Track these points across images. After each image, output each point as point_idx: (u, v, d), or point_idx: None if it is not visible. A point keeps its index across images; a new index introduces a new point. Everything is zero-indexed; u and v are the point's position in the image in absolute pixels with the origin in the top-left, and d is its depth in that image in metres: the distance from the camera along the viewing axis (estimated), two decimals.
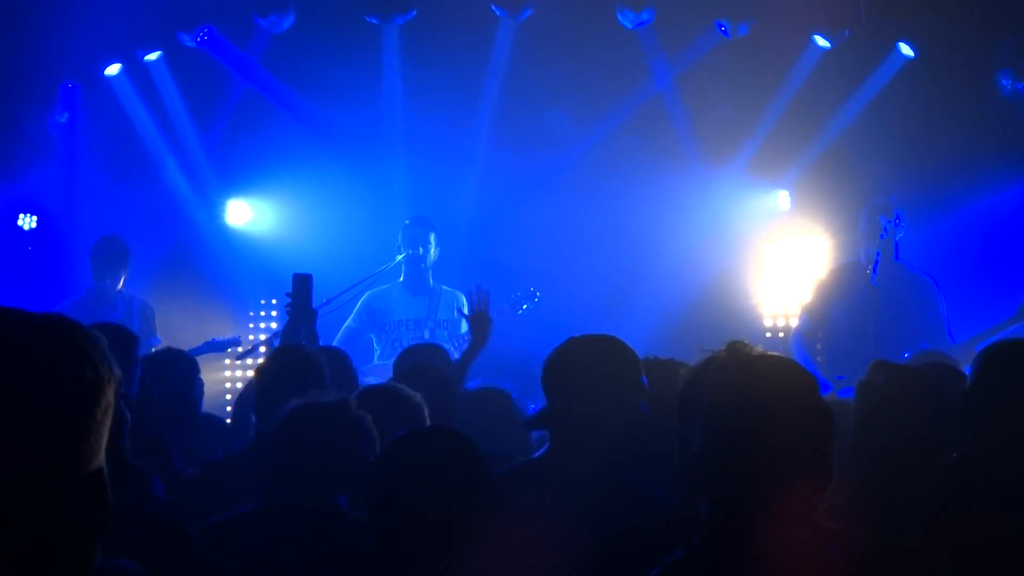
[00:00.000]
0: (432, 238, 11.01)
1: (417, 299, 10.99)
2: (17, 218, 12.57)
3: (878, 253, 9.83)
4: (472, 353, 8.07)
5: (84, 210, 12.66)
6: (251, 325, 13.05)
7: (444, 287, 11.06)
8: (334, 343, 10.38)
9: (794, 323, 11.56)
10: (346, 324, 10.97)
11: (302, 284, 8.12)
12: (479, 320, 8.24)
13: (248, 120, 12.87)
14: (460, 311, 10.46)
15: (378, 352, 10.98)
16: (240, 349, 11.52)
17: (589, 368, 4.73)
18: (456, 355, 10.21)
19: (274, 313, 12.90)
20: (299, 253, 11.82)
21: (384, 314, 11.01)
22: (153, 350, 9.31)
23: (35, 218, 12.63)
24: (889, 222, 9.99)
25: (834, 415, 3.18)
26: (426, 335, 10.72)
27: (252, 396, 6.33)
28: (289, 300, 8.10)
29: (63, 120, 12.71)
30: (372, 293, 11.03)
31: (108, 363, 2.02)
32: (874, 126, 12.19)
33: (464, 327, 10.38)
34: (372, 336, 11.05)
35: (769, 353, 3.33)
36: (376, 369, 10.32)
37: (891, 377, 4.89)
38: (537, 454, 5.00)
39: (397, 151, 12.95)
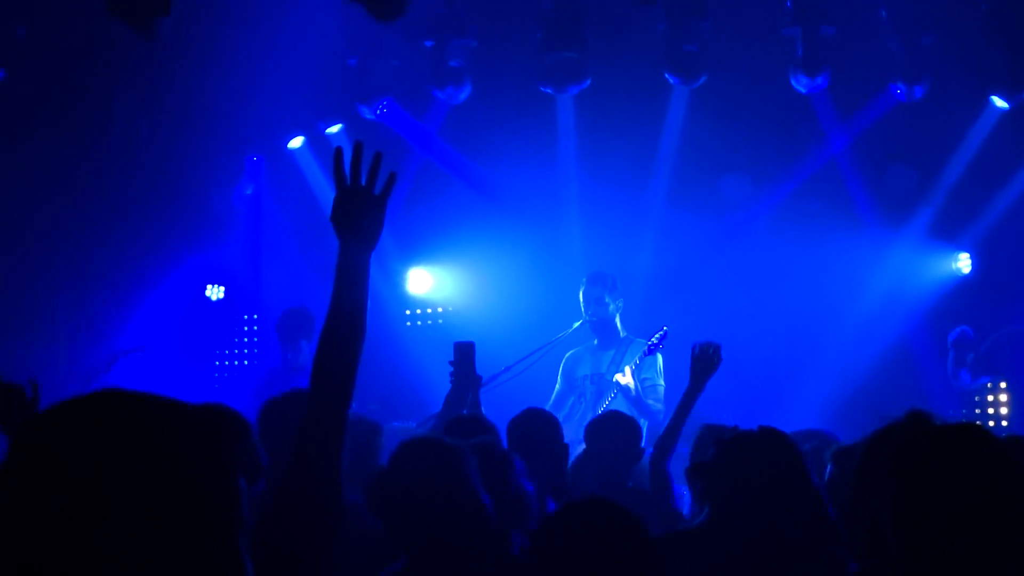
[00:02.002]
0: (607, 295, 11.04)
1: (604, 353, 11.02)
2: (205, 288, 12.91)
3: None
4: (690, 398, 7.38)
5: (269, 280, 12.96)
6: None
7: (637, 339, 11.01)
8: (547, 407, 10.53)
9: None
10: (556, 387, 11.07)
11: (465, 352, 8.11)
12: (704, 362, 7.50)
13: (427, 189, 13.08)
14: (636, 361, 10.49)
15: (565, 411, 11.01)
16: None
17: (753, 479, 4.68)
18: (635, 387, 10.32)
19: None
20: (478, 320, 11.97)
21: (573, 372, 11.09)
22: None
23: (223, 288, 12.97)
24: None
25: None
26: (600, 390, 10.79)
27: None
28: (452, 369, 8.07)
29: (248, 192, 13.06)
30: (569, 354, 11.14)
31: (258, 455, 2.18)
32: None
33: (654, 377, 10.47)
34: (568, 397, 11.12)
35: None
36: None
37: None
38: (697, 521, 5.01)
39: (572, 215, 13.08)
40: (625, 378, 10.44)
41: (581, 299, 11.06)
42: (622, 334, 11.05)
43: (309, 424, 3.76)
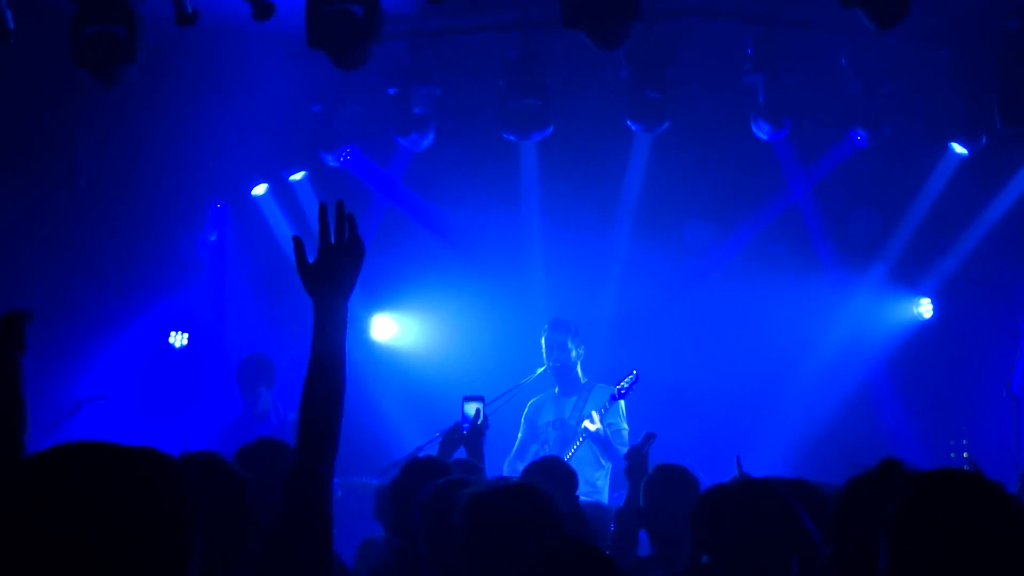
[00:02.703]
0: (570, 341, 11.06)
1: (566, 399, 11.04)
2: (169, 335, 12.87)
3: None
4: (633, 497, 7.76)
5: (233, 327, 12.93)
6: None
7: (599, 384, 11.06)
8: (510, 455, 10.56)
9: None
10: (519, 435, 11.08)
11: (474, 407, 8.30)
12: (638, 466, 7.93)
13: (391, 235, 13.09)
14: (604, 406, 10.52)
15: (528, 459, 11.00)
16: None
17: (741, 526, 4.70)
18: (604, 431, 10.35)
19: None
20: (442, 366, 11.97)
21: (535, 419, 11.10)
22: None
23: (186, 335, 12.93)
24: None
25: None
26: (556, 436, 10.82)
27: None
28: (465, 426, 8.19)
29: (213, 239, 13.04)
30: (532, 401, 11.16)
31: (189, 500, 2.19)
32: (1018, 230, 12.10)
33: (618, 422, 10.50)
34: (532, 446, 11.12)
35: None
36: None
37: None
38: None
39: (536, 261, 13.12)
40: (594, 424, 10.45)
41: (543, 345, 11.08)
42: (583, 380, 11.08)
43: (298, 476, 3.80)
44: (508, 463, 10.76)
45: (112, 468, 2.11)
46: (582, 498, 7.84)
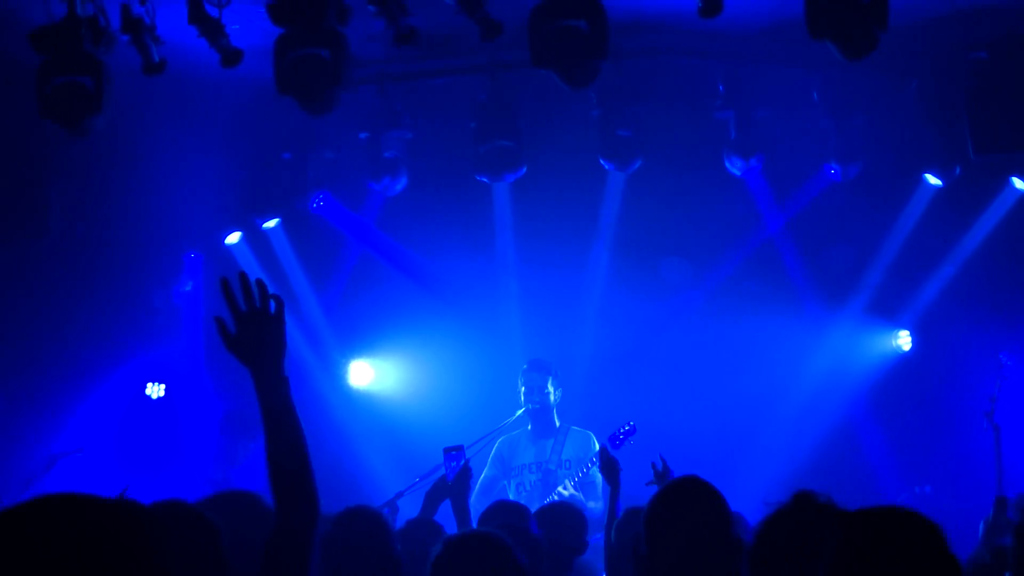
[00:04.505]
0: (550, 382, 11.03)
1: (543, 441, 10.99)
2: (146, 387, 12.80)
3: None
4: (614, 499, 8.22)
5: (210, 376, 12.86)
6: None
7: (573, 427, 11.04)
8: (474, 492, 10.49)
9: None
10: (483, 473, 11.01)
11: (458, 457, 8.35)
12: (609, 466, 8.55)
13: (365, 280, 13.07)
14: (591, 460, 10.48)
15: (511, 497, 10.96)
16: None
17: (680, 524, 4.72)
18: (580, 496, 10.31)
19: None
20: (423, 410, 11.93)
21: (511, 459, 11.04)
22: None
23: (163, 387, 12.87)
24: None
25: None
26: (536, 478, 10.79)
27: None
28: (450, 474, 8.19)
29: (188, 289, 12.99)
30: (503, 439, 11.09)
31: (162, 550, 2.16)
32: (995, 260, 12.11)
33: (593, 469, 10.45)
34: (504, 483, 11.06)
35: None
36: None
37: None
38: None
39: (512, 302, 13.10)
40: (567, 491, 10.43)
41: (521, 387, 11.03)
42: (557, 423, 11.04)
43: (277, 534, 3.86)
44: (474, 498, 10.68)
45: (84, 521, 2.09)
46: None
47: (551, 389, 11.01)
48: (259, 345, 3.93)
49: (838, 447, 12.38)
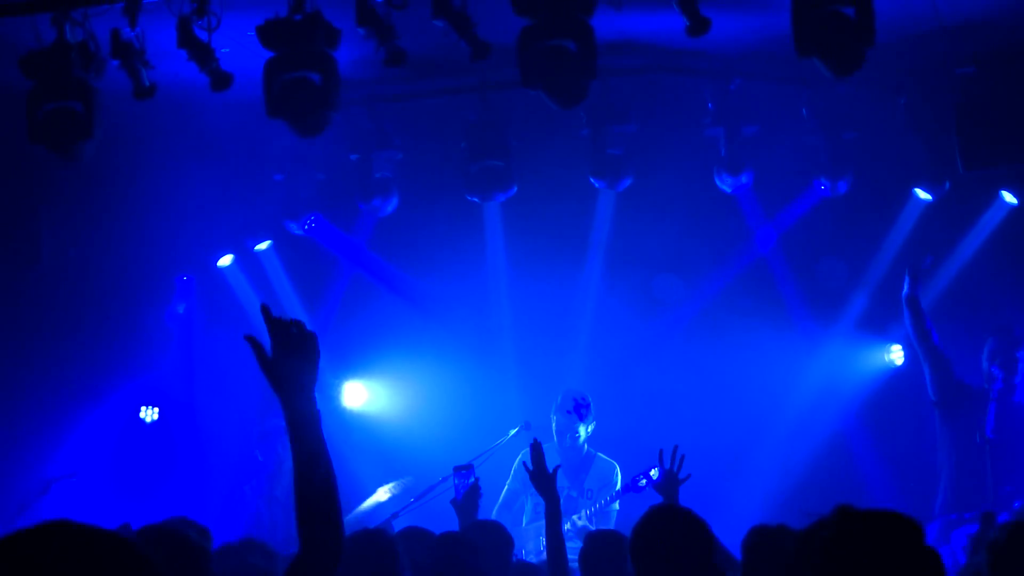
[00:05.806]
0: (582, 428, 10.98)
1: (568, 465, 10.85)
2: (140, 410, 12.78)
3: None
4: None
5: (204, 399, 12.85)
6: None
7: (600, 456, 11.06)
8: (497, 504, 10.48)
9: None
10: (507, 485, 10.99)
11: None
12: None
13: (358, 301, 13.07)
14: (611, 494, 10.48)
15: (527, 516, 10.93)
16: None
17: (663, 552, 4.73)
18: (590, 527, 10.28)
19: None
20: (417, 431, 11.92)
21: None
22: None
23: (157, 410, 12.84)
24: None
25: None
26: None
27: None
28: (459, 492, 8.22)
29: (180, 311, 12.98)
30: (526, 451, 11.05)
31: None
32: (985, 273, 12.13)
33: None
34: (523, 498, 11.03)
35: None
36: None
37: None
38: None
39: (504, 321, 13.09)
40: (580, 521, 10.43)
41: (553, 424, 10.98)
42: (585, 449, 11.02)
43: (301, 570, 3.78)
44: (496, 512, 10.66)
45: (85, 554, 2.07)
46: None
47: (582, 432, 10.98)
48: (291, 379, 3.83)
49: (831, 462, 12.38)
